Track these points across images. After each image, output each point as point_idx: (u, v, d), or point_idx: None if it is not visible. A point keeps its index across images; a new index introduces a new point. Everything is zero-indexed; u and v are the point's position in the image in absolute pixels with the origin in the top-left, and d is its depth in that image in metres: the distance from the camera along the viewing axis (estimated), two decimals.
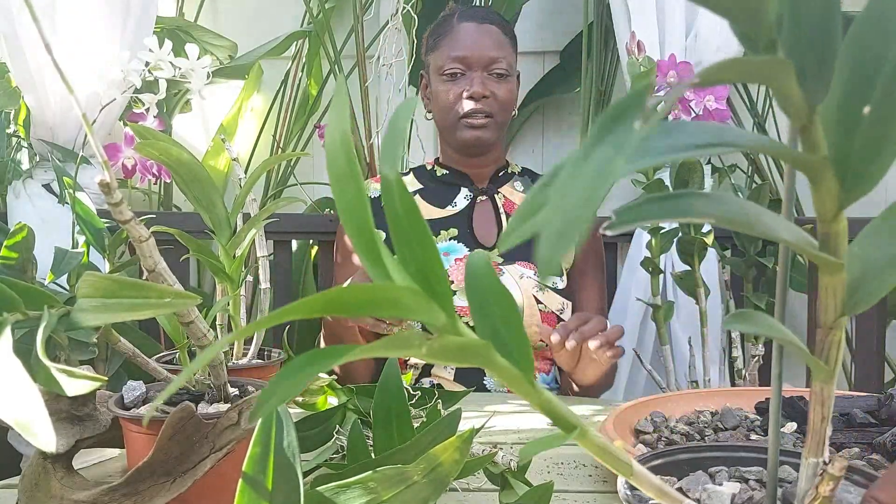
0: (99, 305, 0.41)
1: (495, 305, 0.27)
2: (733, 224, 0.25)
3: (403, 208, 0.25)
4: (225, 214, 0.67)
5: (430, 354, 0.24)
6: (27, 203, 1.57)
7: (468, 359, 0.25)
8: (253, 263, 0.82)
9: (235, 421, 0.51)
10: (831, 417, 0.63)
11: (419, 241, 0.25)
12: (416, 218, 0.25)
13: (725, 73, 0.23)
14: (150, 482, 0.50)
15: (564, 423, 0.28)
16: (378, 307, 0.24)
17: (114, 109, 1.55)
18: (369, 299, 0.23)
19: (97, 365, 1.19)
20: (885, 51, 0.25)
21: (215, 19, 2.23)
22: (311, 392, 0.78)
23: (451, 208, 1.34)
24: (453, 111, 1.29)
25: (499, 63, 1.27)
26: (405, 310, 0.24)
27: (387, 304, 0.24)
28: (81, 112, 0.40)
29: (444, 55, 1.29)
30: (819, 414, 0.31)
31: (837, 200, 0.27)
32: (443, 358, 0.25)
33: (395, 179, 0.25)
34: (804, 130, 0.25)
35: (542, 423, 0.93)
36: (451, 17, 1.33)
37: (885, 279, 0.28)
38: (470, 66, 1.27)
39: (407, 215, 0.25)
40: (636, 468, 0.29)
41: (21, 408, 0.34)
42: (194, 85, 1.21)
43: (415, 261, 0.25)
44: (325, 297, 0.23)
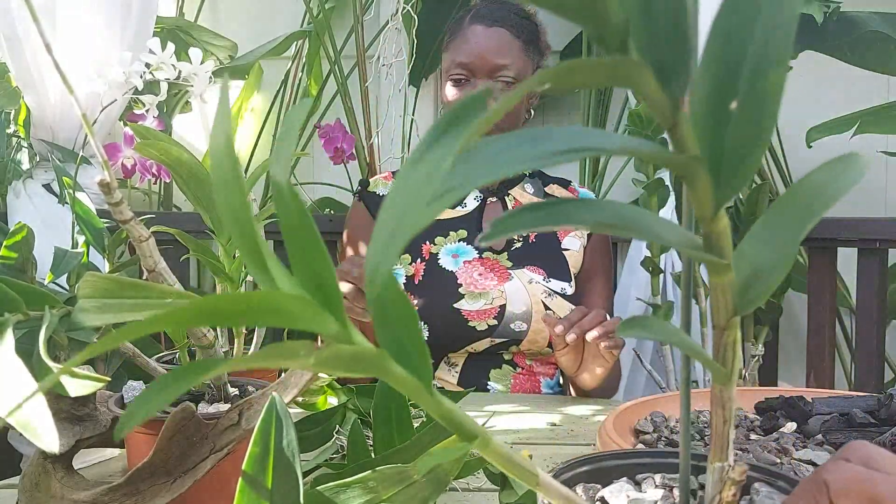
0: (100, 305, 0.41)
1: (395, 313, 0.26)
2: (614, 229, 0.25)
3: (295, 215, 0.24)
4: None
5: (318, 364, 0.23)
6: (27, 203, 1.57)
7: (362, 368, 0.24)
8: None
9: (236, 421, 0.51)
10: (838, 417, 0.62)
11: (310, 249, 0.24)
12: (307, 224, 0.24)
13: (574, 75, 0.22)
14: (150, 482, 0.50)
15: (466, 432, 0.27)
16: (259, 316, 0.22)
17: (114, 110, 1.55)
18: (247, 308, 0.22)
19: (97, 365, 1.19)
20: (745, 44, 0.25)
21: (215, 19, 2.23)
22: (311, 392, 0.78)
23: (460, 209, 1.31)
24: None
25: (505, 71, 1.22)
26: (290, 319, 0.23)
27: (269, 313, 0.22)
28: (81, 112, 0.40)
29: (451, 59, 1.26)
30: (720, 417, 0.30)
31: (714, 199, 0.26)
32: (334, 367, 0.24)
33: (285, 185, 0.24)
34: (672, 130, 0.25)
35: (541, 424, 0.93)
36: (466, 16, 1.29)
37: (773, 277, 0.27)
38: (474, 73, 1.24)
39: (299, 221, 0.24)
40: (542, 478, 0.28)
41: (24, 408, 0.34)
42: (197, 89, 1.21)
43: (306, 268, 0.24)
44: (198, 305, 0.21)
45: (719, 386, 0.30)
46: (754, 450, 0.63)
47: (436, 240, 1.28)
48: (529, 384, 1.25)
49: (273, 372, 0.81)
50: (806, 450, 0.62)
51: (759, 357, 1.32)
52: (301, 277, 0.24)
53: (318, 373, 0.52)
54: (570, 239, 1.30)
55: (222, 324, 0.22)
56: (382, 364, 0.24)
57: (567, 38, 2.08)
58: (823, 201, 0.26)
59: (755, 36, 0.25)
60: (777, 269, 0.27)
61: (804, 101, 2.02)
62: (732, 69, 0.25)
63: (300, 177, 2.09)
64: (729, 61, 0.25)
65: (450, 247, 1.27)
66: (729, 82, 0.25)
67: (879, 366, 1.54)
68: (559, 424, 0.92)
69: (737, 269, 0.27)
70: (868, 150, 1.98)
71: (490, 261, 1.25)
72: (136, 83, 1.27)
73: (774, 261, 0.27)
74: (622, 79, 0.23)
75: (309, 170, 2.19)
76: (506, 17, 1.26)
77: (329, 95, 2.06)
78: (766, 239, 0.28)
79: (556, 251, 1.28)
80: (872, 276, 1.49)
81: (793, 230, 0.27)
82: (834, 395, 0.78)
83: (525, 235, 1.28)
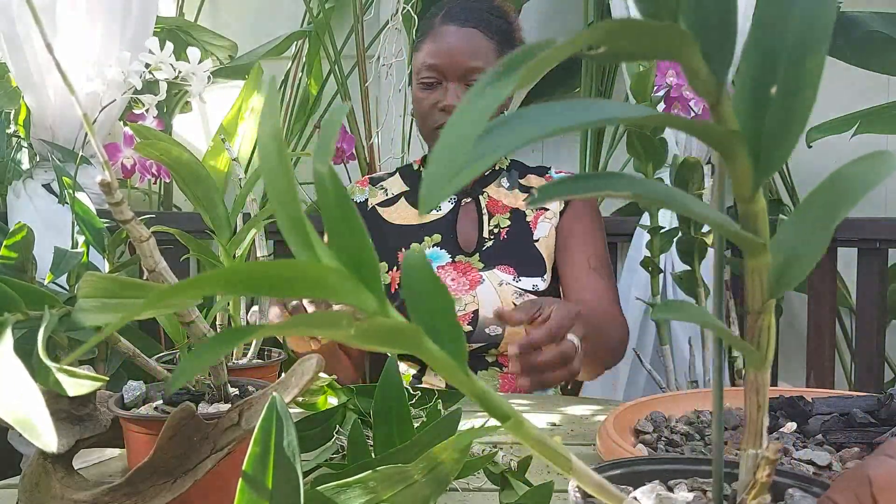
0: (99, 305, 0.41)
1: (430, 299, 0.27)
2: (656, 201, 0.26)
3: (335, 198, 0.25)
4: (225, 214, 0.67)
5: (358, 335, 0.24)
6: (27, 203, 1.57)
7: (398, 343, 0.25)
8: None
9: (236, 421, 0.51)
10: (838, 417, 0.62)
11: (350, 228, 0.25)
12: (347, 204, 0.25)
13: (624, 35, 0.23)
14: (150, 482, 0.50)
15: (499, 413, 0.28)
16: (302, 286, 0.23)
17: (114, 109, 1.55)
18: (293, 276, 0.22)
19: (97, 365, 1.19)
20: (784, 31, 0.26)
21: (215, 19, 2.23)
22: (312, 392, 0.78)
23: (435, 213, 1.28)
24: (428, 121, 1.23)
25: (477, 73, 1.18)
26: (331, 291, 0.23)
27: (312, 283, 0.23)
28: (82, 112, 0.40)
29: (421, 60, 1.21)
30: (754, 403, 0.30)
31: (753, 178, 0.27)
32: (371, 340, 0.25)
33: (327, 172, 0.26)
34: (714, 108, 0.26)
35: (541, 423, 0.93)
36: (437, 14, 1.24)
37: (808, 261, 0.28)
38: (445, 76, 1.19)
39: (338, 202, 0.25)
40: (575, 463, 0.29)
41: (23, 408, 0.34)
42: (195, 88, 1.21)
43: (346, 248, 0.25)
44: (248, 269, 0.22)
45: (753, 371, 0.30)
46: None
47: (411, 246, 1.26)
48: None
49: (273, 372, 0.81)
50: (806, 450, 0.62)
51: None
52: (341, 256, 0.25)
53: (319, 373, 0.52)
54: (542, 224, 1.26)
55: (268, 292, 0.23)
56: (418, 340, 0.25)
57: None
58: (855, 192, 0.28)
59: (793, 24, 0.26)
60: (812, 253, 0.28)
61: None
62: (772, 55, 0.26)
63: (300, 177, 2.08)
64: (769, 48, 0.26)
65: (425, 253, 1.26)
66: (769, 68, 0.27)
67: (879, 366, 1.54)
68: (559, 424, 0.92)
69: (773, 253, 0.28)
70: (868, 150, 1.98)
71: (462, 264, 1.23)
72: (135, 83, 1.27)
73: (810, 245, 0.28)
74: (671, 49, 0.24)
75: (309, 170, 2.19)
76: (479, 16, 1.21)
77: (329, 95, 2.06)
78: (802, 226, 0.29)
79: (528, 245, 1.25)
80: (872, 276, 1.49)
81: (827, 218, 0.28)
82: (834, 395, 0.78)
83: (497, 233, 1.25)
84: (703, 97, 0.26)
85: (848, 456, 0.62)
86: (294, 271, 0.22)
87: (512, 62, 0.23)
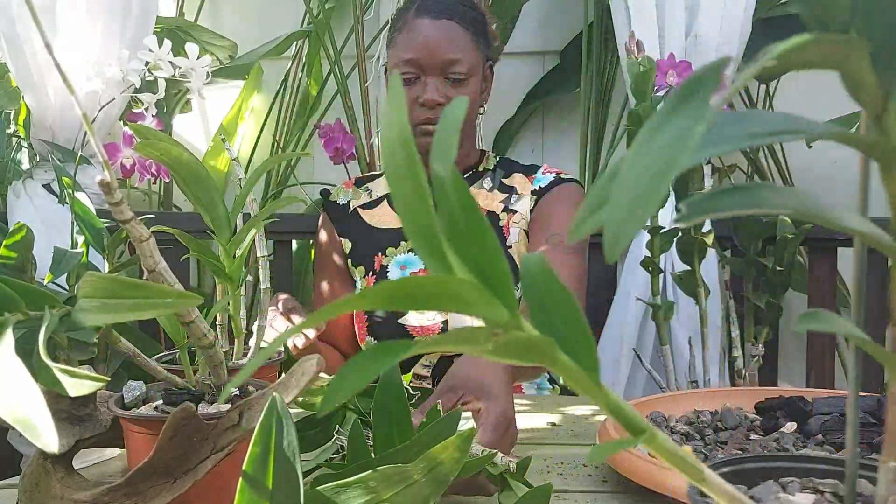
0: (100, 306, 0.41)
1: (554, 305, 0.26)
2: (806, 216, 0.25)
3: (459, 203, 0.24)
4: (225, 214, 0.67)
5: (495, 350, 0.24)
6: (27, 203, 1.57)
7: (532, 356, 0.25)
8: (253, 263, 0.82)
9: (236, 421, 0.51)
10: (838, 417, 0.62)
11: (477, 237, 0.25)
12: (474, 212, 0.24)
13: (800, 54, 0.22)
14: (150, 482, 0.50)
15: (634, 426, 0.27)
16: (440, 300, 0.23)
17: (113, 109, 1.55)
18: (432, 293, 0.23)
19: (97, 365, 1.19)
20: None
21: (215, 19, 2.23)
22: (311, 392, 0.78)
23: None
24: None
25: (456, 66, 1.15)
26: (465, 304, 0.23)
27: (448, 297, 0.23)
28: (81, 112, 0.40)
29: (397, 55, 1.17)
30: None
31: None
32: (506, 354, 0.24)
33: (447, 175, 0.25)
34: (878, 118, 0.25)
35: (541, 423, 0.93)
36: (409, 9, 1.19)
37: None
38: (423, 70, 1.15)
39: (463, 210, 0.24)
40: (707, 474, 0.28)
41: (24, 408, 0.34)
42: (194, 85, 1.21)
43: (476, 259, 0.25)
44: (389, 288, 0.22)
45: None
46: (754, 449, 0.63)
47: (387, 251, 1.24)
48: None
49: (273, 372, 0.81)
50: (806, 450, 0.62)
51: (759, 357, 1.32)
52: (471, 267, 0.25)
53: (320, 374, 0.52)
54: (513, 229, 1.23)
55: (411, 306, 0.23)
56: (552, 353, 0.24)
57: (567, 39, 2.09)
58: None
59: None
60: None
61: (804, 101, 2.02)
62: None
63: (300, 177, 2.09)
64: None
65: (399, 258, 1.23)
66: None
67: (879, 366, 1.54)
68: (559, 424, 0.92)
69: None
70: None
71: None
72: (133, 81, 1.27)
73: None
74: (838, 60, 0.24)
75: (309, 170, 2.19)
76: (453, 8, 1.18)
77: (329, 95, 2.06)
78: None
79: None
80: (872, 276, 1.49)
81: None
82: (834, 395, 0.78)
83: None
84: (866, 107, 0.25)
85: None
86: (434, 287, 0.23)
87: (689, 90, 0.22)
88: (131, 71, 1.23)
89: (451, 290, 0.23)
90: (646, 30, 1.53)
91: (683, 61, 1.31)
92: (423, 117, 1.17)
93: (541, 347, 0.24)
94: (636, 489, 0.67)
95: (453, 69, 1.15)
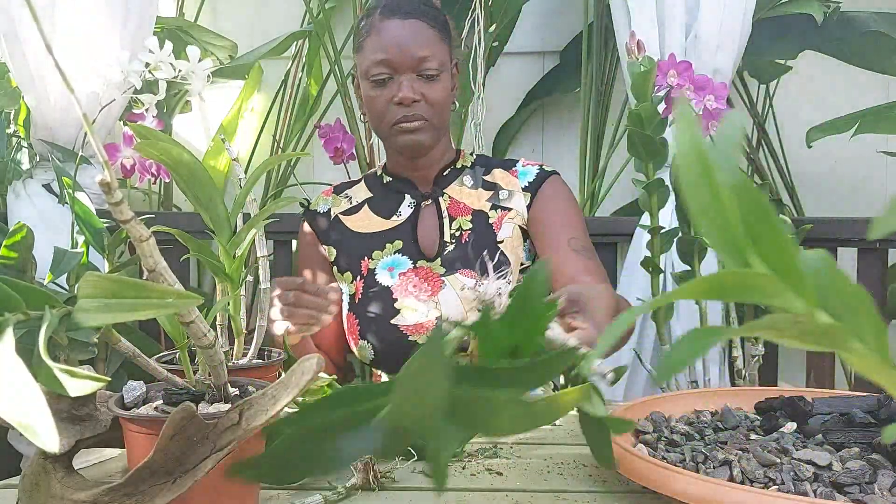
0: (100, 305, 0.41)
1: (842, 297, 0.28)
2: None
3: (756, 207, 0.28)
4: (225, 214, 0.67)
5: (798, 336, 0.28)
6: (27, 203, 1.57)
7: (826, 342, 0.27)
8: (253, 263, 0.82)
9: (236, 421, 0.51)
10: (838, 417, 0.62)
11: (773, 236, 0.28)
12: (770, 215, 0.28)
13: None
14: (150, 482, 0.50)
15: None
16: (745, 293, 0.27)
17: (113, 110, 1.55)
18: (738, 285, 0.27)
19: (97, 365, 1.19)
20: None
21: (215, 19, 2.23)
22: (311, 392, 0.78)
23: (395, 218, 1.26)
24: (385, 119, 1.19)
25: (427, 62, 1.17)
26: (766, 296, 0.27)
27: (752, 290, 0.27)
28: (82, 112, 0.40)
29: (368, 58, 1.18)
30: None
31: None
32: (804, 340, 0.28)
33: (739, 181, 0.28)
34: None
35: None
36: (373, 13, 1.20)
37: None
38: (396, 69, 1.17)
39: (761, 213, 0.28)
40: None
41: (24, 408, 0.34)
42: (194, 87, 1.21)
43: (772, 254, 0.28)
44: (708, 281, 0.27)
45: None
46: (754, 450, 0.63)
47: (373, 254, 1.24)
48: None
49: (273, 372, 0.81)
50: (806, 450, 0.62)
51: (759, 357, 1.32)
52: (768, 261, 0.28)
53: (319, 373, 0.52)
54: (506, 225, 1.23)
55: (725, 297, 0.28)
56: (846, 340, 0.27)
57: (567, 39, 2.09)
58: None
59: None
60: None
61: (804, 101, 2.02)
62: None
63: (300, 177, 2.09)
64: None
65: (386, 260, 1.23)
66: None
67: None
68: (559, 424, 0.92)
69: None
70: (868, 150, 1.98)
71: (424, 269, 1.21)
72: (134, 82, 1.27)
73: None
74: None
75: (309, 170, 2.19)
76: (417, 8, 1.20)
77: (329, 95, 2.06)
78: None
79: (492, 247, 1.21)
80: (872, 276, 1.49)
81: None
82: (834, 395, 0.78)
83: (458, 236, 1.22)
84: None
85: (848, 456, 0.62)
86: (743, 281, 0.27)
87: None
88: (132, 72, 1.23)
89: (756, 283, 0.27)
90: (646, 30, 1.53)
91: (683, 61, 1.31)
92: (399, 115, 1.18)
93: (836, 334, 0.27)
94: (636, 489, 0.67)
95: (425, 66, 1.17)
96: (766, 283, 0.27)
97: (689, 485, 0.55)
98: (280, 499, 0.65)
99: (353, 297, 1.24)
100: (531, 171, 1.28)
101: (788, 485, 0.58)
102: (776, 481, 0.58)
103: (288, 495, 0.66)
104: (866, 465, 0.59)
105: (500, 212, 1.24)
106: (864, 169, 1.99)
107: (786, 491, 0.57)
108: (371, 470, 0.67)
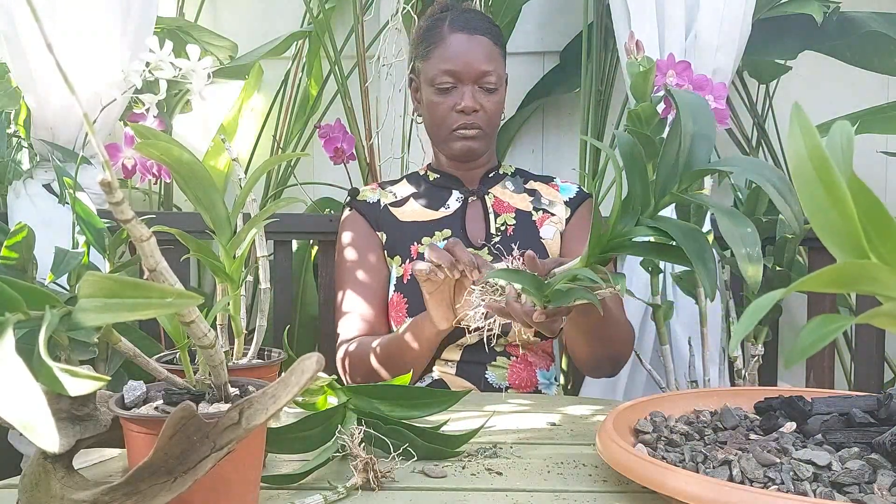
0: (100, 305, 0.41)
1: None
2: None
3: (872, 206, 0.31)
4: (225, 214, 0.67)
5: (890, 314, 0.31)
6: (27, 203, 1.57)
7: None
8: (253, 263, 0.82)
9: (236, 420, 0.51)
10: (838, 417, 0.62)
11: (887, 233, 0.31)
12: (885, 214, 0.31)
13: None
14: (150, 482, 0.50)
15: None
16: (861, 283, 0.30)
17: (114, 110, 1.55)
18: (860, 275, 0.30)
19: (97, 365, 1.19)
20: None
21: (215, 19, 2.23)
22: (312, 392, 0.78)
23: (444, 210, 1.36)
24: (445, 124, 1.31)
25: (489, 76, 1.29)
26: (881, 286, 0.30)
27: (868, 280, 0.30)
28: (83, 112, 0.40)
29: (436, 67, 1.30)
30: None
31: None
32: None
33: (857, 185, 0.31)
34: None
35: (541, 423, 0.93)
36: (442, 24, 1.32)
37: None
38: (461, 80, 1.29)
39: (876, 212, 0.30)
40: None
41: (24, 408, 0.34)
42: (195, 86, 1.21)
43: (885, 250, 0.31)
44: (830, 272, 0.30)
45: None
46: (754, 449, 0.63)
47: (422, 240, 1.33)
48: (526, 373, 1.29)
49: (273, 372, 0.81)
50: (806, 449, 0.62)
51: (759, 357, 1.32)
52: (883, 259, 0.31)
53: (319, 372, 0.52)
54: (547, 227, 1.35)
55: (845, 288, 0.32)
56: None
57: (567, 39, 2.09)
58: None
59: None
60: None
61: (804, 100, 2.02)
62: None
63: (300, 177, 2.09)
64: None
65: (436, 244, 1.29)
66: None
67: (879, 366, 1.54)
68: (559, 424, 0.92)
69: None
70: (868, 150, 1.98)
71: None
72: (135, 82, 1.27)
73: None
74: None
75: (309, 170, 2.19)
76: (484, 25, 1.32)
77: (329, 95, 2.06)
78: None
79: (535, 240, 1.33)
80: None
81: None
82: (834, 395, 0.78)
83: (503, 230, 1.33)
84: None
85: (847, 456, 0.62)
86: (860, 271, 0.30)
87: None
88: (132, 72, 1.23)
89: (875, 275, 0.30)
90: (645, 30, 1.53)
91: (683, 61, 1.31)
92: (459, 122, 1.30)
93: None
94: (636, 489, 0.67)
95: (486, 79, 1.29)
96: (885, 275, 0.29)
97: (688, 484, 0.55)
98: (280, 499, 0.65)
99: (400, 278, 1.31)
100: (571, 188, 1.42)
101: (788, 485, 0.58)
102: (776, 481, 0.58)
103: (288, 495, 0.66)
104: (866, 465, 0.59)
105: (543, 214, 1.37)
106: (864, 169, 1.99)
107: (785, 491, 0.57)
108: (371, 470, 0.67)
